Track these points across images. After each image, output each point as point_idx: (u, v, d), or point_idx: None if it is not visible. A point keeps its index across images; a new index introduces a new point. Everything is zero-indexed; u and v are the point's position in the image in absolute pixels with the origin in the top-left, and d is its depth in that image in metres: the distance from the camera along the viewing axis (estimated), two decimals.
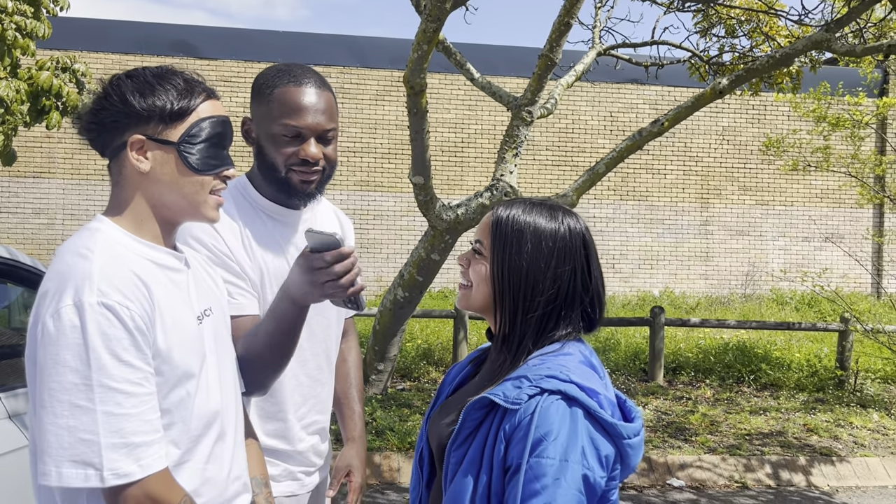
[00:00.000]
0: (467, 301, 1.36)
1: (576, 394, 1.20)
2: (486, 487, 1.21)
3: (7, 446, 2.02)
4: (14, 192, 11.55)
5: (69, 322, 1.10)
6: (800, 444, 5.61)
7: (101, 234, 1.21)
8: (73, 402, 1.09)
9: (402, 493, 4.65)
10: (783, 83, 6.40)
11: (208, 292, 1.35)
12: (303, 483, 1.73)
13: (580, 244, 1.33)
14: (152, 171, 1.24)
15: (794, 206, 12.97)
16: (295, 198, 1.64)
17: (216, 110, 1.29)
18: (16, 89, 4.69)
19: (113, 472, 1.09)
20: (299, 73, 1.60)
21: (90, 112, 1.24)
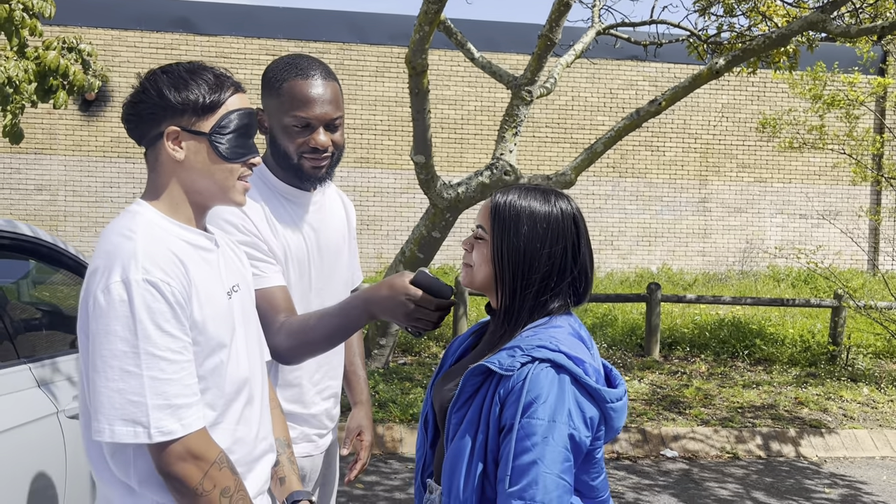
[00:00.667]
0: (470, 280, 1.49)
1: (564, 362, 1.33)
2: (483, 445, 1.34)
3: (37, 413, 2.14)
4: (16, 168, 11.62)
5: (118, 296, 1.22)
6: (790, 416, 5.76)
7: (141, 216, 1.33)
8: (123, 368, 1.22)
9: (405, 462, 4.81)
10: (780, 62, 6.47)
11: (236, 270, 1.47)
12: (317, 444, 1.86)
13: (571, 224, 1.45)
14: (186, 160, 1.35)
15: (792, 183, 13.06)
16: (307, 182, 1.78)
17: (243, 103, 1.40)
18: (24, 69, 4.77)
19: (158, 429, 1.22)
20: (306, 66, 1.72)
21: (129, 104, 1.36)
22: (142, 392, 1.22)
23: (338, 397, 1.94)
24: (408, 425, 5.21)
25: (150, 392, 1.22)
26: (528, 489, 1.27)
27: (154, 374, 1.22)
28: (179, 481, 1.24)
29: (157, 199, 1.37)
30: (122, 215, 1.34)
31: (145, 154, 1.39)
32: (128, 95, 1.37)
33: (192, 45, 11.80)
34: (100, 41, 11.46)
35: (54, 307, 2.88)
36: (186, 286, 1.29)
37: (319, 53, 12.10)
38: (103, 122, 11.74)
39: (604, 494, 1.43)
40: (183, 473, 1.24)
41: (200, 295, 1.31)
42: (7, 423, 2.02)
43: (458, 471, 1.36)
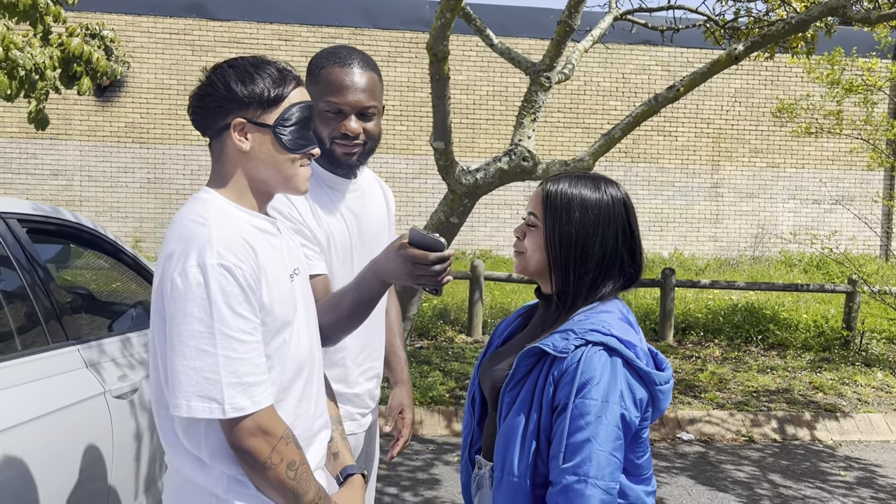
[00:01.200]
0: (524, 266, 1.54)
1: (616, 345, 1.39)
2: (537, 424, 1.40)
3: (86, 393, 2.22)
4: (32, 153, 11.71)
5: (195, 280, 1.29)
6: (805, 400, 5.82)
7: (211, 203, 1.39)
8: (199, 347, 1.28)
9: (426, 444, 4.89)
10: (798, 47, 6.45)
11: (295, 254, 1.53)
12: (360, 423, 1.93)
13: (622, 209, 1.50)
14: (251, 150, 1.41)
15: (806, 168, 13.02)
16: (339, 168, 1.81)
17: (303, 96, 1.45)
18: (49, 56, 4.82)
19: (232, 406, 1.29)
20: (345, 55, 1.77)
21: (196, 97, 1.41)
22: (216, 370, 1.28)
23: (380, 378, 2.00)
24: (427, 408, 5.29)
25: (225, 370, 1.28)
26: (581, 465, 1.33)
27: (228, 353, 1.29)
28: (250, 455, 1.31)
29: (223, 186, 1.43)
30: (192, 203, 1.40)
31: (210, 145, 1.45)
32: (194, 89, 1.42)
33: (205, 30, 11.83)
34: (114, 26, 11.47)
35: (93, 291, 2.95)
36: (256, 270, 1.35)
37: (332, 38, 12.10)
38: (118, 108, 11.80)
39: (648, 472, 1.49)
40: (253, 448, 1.31)
41: (269, 278, 1.38)
42: (60, 402, 2.09)
43: (512, 448, 1.42)
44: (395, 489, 4.11)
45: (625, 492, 1.44)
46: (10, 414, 1.89)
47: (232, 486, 1.36)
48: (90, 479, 2.18)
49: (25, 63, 4.54)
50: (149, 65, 11.75)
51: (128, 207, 11.90)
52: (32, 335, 2.17)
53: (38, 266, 2.28)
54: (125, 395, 2.39)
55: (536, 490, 1.40)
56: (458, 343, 7.09)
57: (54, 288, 2.33)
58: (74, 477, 2.11)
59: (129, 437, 2.39)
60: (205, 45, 11.84)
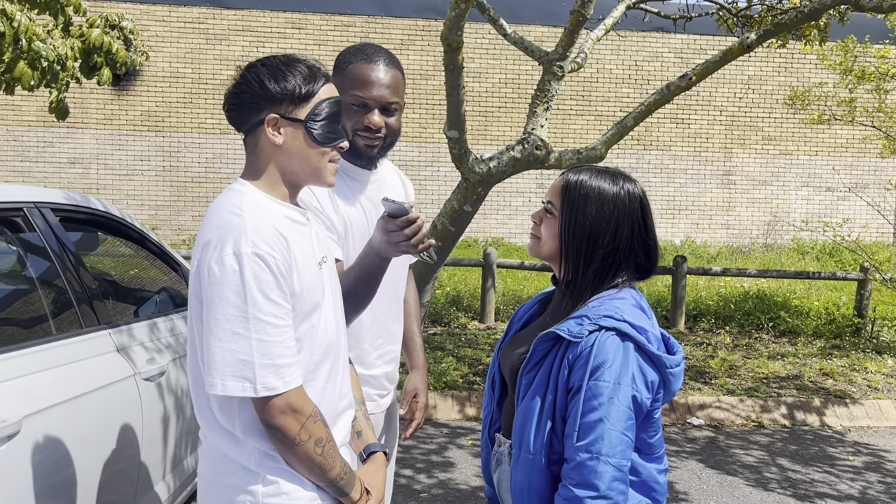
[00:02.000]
0: (538, 250, 1.62)
1: (628, 330, 1.46)
2: (552, 404, 1.48)
3: (118, 376, 2.31)
4: (49, 142, 11.86)
5: (231, 267, 1.38)
6: (815, 387, 5.87)
7: (245, 195, 1.48)
8: (234, 331, 1.37)
9: (440, 428, 4.99)
10: (811, 35, 6.45)
11: (323, 243, 1.62)
12: (378, 404, 2.02)
13: (638, 206, 1.57)
14: (285, 144, 1.49)
15: (819, 155, 12.98)
16: (361, 159, 1.90)
17: (332, 93, 1.54)
18: (70, 46, 4.91)
19: (264, 385, 1.38)
20: (371, 52, 1.86)
21: (231, 95, 1.49)
22: (250, 352, 1.37)
23: (397, 361, 2.08)
24: (441, 393, 5.38)
25: (258, 352, 1.37)
26: (594, 443, 1.41)
27: (261, 336, 1.38)
28: (281, 431, 1.40)
29: (257, 178, 1.51)
30: (227, 194, 1.49)
31: (245, 140, 1.53)
32: (229, 87, 1.50)
33: (219, 18, 11.90)
34: (130, 15, 11.56)
35: (119, 278, 3.05)
36: (288, 259, 1.43)
37: (344, 27, 12.15)
38: (134, 97, 11.91)
39: (660, 451, 1.57)
40: (283, 425, 1.39)
41: (299, 266, 1.46)
42: (92, 384, 2.19)
43: (529, 427, 1.50)
44: (410, 471, 4.21)
45: (637, 469, 1.51)
46: (46, 395, 1.98)
47: (263, 461, 1.44)
48: (121, 458, 2.28)
49: (48, 54, 4.63)
50: (164, 53, 11.84)
51: (143, 195, 12.03)
52: (66, 320, 2.26)
53: (69, 253, 2.37)
54: (153, 378, 2.49)
55: (552, 467, 1.49)
56: (470, 330, 7.17)
57: (85, 274, 2.42)
58: (106, 456, 2.21)
59: (158, 418, 2.49)
60: (219, 33, 11.91)
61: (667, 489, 1.61)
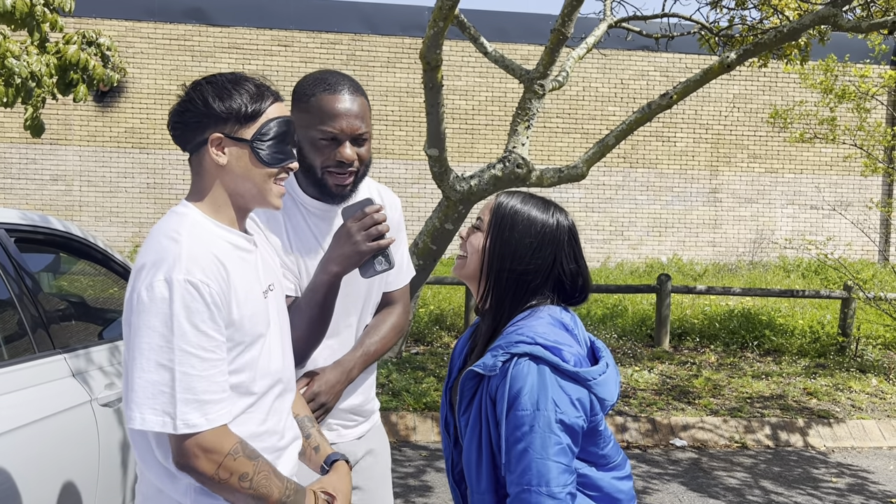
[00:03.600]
0: (462, 269, 1.60)
1: (541, 353, 1.43)
2: (488, 442, 1.45)
3: (72, 402, 2.24)
4: (32, 158, 11.76)
5: (160, 294, 1.31)
6: (799, 407, 5.83)
7: (187, 218, 1.42)
8: (158, 361, 1.30)
9: (418, 450, 4.91)
10: (792, 55, 6.48)
11: (271, 271, 1.56)
12: (340, 433, 1.92)
13: (565, 235, 1.55)
14: (229, 165, 1.43)
15: (804, 174, 13.04)
16: (330, 198, 1.80)
17: (282, 112, 1.48)
18: (45, 63, 4.86)
19: (184, 422, 1.30)
20: (334, 81, 1.76)
21: (175, 113, 1.44)
22: (172, 385, 1.30)
23: (366, 394, 1.95)
24: (420, 414, 5.31)
25: (180, 386, 1.30)
26: (524, 475, 1.37)
27: (185, 369, 1.30)
28: (196, 473, 1.33)
29: (201, 200, 1.45)
30: (169, 216, 1.43)
31: (189, 159, 1.47)
32: (174, 105, 1.45)
33: (204, 35, 11.88)
34: (114, 32, 11.55)
35: (83, 299, 2.98)
36: (225, 288, 1.37)
37: (331, 44, 12.16)
38: (118, 113, 11.85)
39: (616, 458, 1.52)
40: (197, 466, 1.32)
41: (239, 294, 1.40)
42: (45, 411, 2.11)
43: (472, 468, 1.47)
44: None
45: (597, 484, 1.47)
46: None
47: (199, 498, 1.38)
48: (76, 488, 2.20)
49: (21, 71, 4.57)
50: (148, 70, 11.80)
51: (127, 212, 11.94)
52: (19, 344, 2.19)
53: (26, 275, 2.30)
54: (112, 404, 2.41)
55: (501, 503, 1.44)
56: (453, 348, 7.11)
57: (43, 297, 2.35)
58: (60, 485, 2.13)
59: (116, 445, 2.41)
60: (204, 50, 11.89)
61: (634, 494, 1.55)
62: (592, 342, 1.57)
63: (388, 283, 1.95)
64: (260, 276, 1.49)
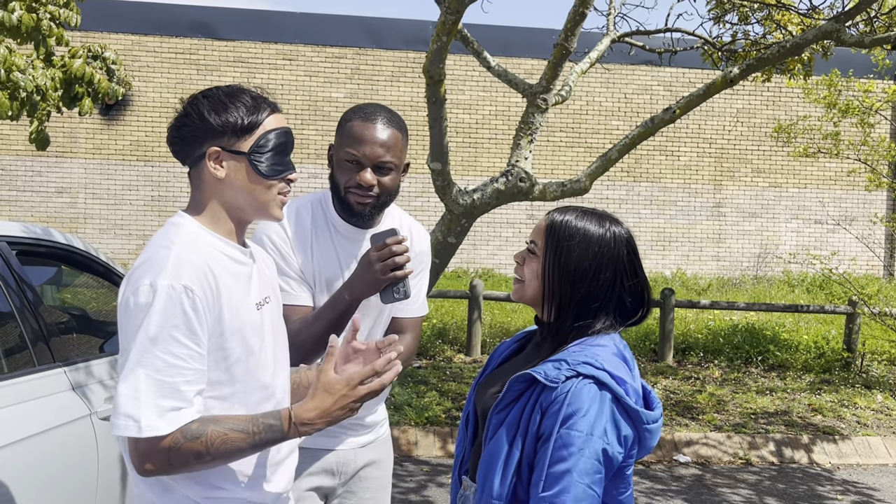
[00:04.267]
0: (521, 294, 1.56)
1: (606, 380, 1.40)
2: (520, 450, 1.42)
3: (72, 416, 2.23)
4: (37, 171, 11.81)
5: (143, 299, 1.31)
6: (804, 423, 5.78)
7: (182, 228, 1.42)
8: (132, 366, 1.30)
9: (420, 465, 4.88)
10: (795, 69, 6.49)
11: (268, 284, 1.55)
12: (342, 441, 1.94)
13: (623, 249, 1.52)
14: (227, 178, 1.44)
15: (808, 188, 13.03)
16: (353, 217, 1.88)
17: (279, 123, 1.48)
18: (51, 77, 4.89)
19: (149, 425, 1.29)
20: (371, 111, 1.86)
21: (173, 128, 1.44)
22: (139, 389, 1.29)
23: (373, 405, 1.97)
24: (422, 429, 5.28)
25: (147, 390, 1.29)
26: (559, 495, 1.34)
27: (152, 374, 1.29)
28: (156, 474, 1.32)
29: (199, 213, 1.46)
30: (166, 227, 1.43)
31: (189, 173, 1.48)
32: (172, 120, 1.45)
33: (210, 49, 11.95)
34: (120, 46, 11.63)
35: (85, 312, 2.98)
36: (212, 297, 1.36)
37: (335, 58, 12.22)
38: (123, 126, 11.91)
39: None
40: (151, 470, 1.31)
41: (231, 303, 1.39)
42: (44, 424, 2.10)
43: (494, 470, 1.43)
44: None
45: None
46: None
47: None
48: (75, 501, 2.18)
49: (27, 85, 4.60)
50: (154, 84, 11.86)
51: (132, 225, 11.97)
52: (19, 357, 2.18)
53: (27, 288, 2.30)
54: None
55: None
56: (456, 363, 7.08)
57: (44, 310, 2.35)
58: (59, 499, 2.12)
59: (115, 458, 2.40)
60: (210, 64, 11.96)
61: None
62: (645, 390, 1.52)
63: (400, 308, 2.00)
64: (254, 288, 1.48)
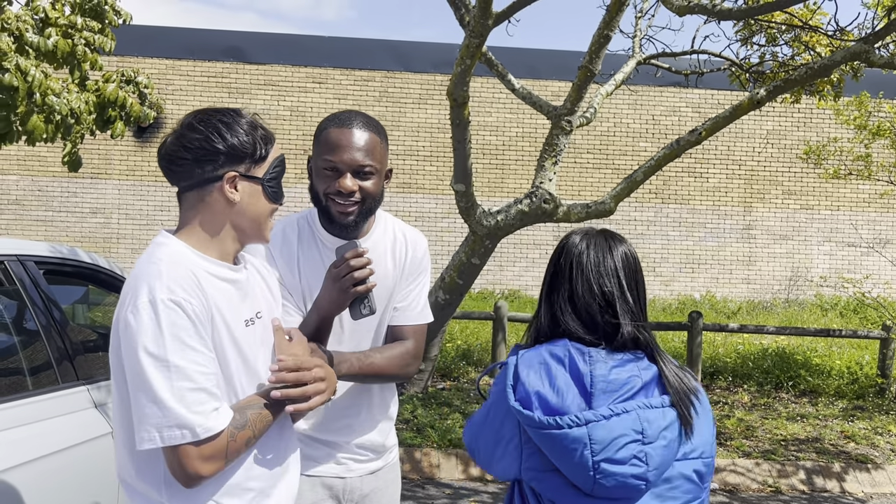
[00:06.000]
0: None
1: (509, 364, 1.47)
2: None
3: (93, 433, 2.26)
4: (73, 192, 12.08)
5: (146, 315, 1.33)
6: (836, 450, 5.64)
7: (167, 247, 1.44)
8: (155, 380, 1.31)
9: (441, 488, 4.85)
10: (825, 91, 6.42)
11: (260, 298, 1.56)
12: (349, 468, 1.90)
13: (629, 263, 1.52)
14: (241, 202, 1.48)
15: (841, 210, 12.81)
16: (336, 226, 1.83)
17: (279, 151, 1.56)
18: (85, 101, 5.01)
19: (203, 427, 1.33)
20: (346, 117, 1.83)
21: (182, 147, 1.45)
22: (171, 400, 1.31)
23: (382, 431, 1.95)
24: (444, 451, 5.25)
25: (184, 398, 1.32)
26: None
27: (181, 384, 1.32)
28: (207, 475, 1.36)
29: (189, 233, 1.47)
30: (150, 247, 1.46)
31: (183, 194, 1.48)
32: (175, 138, 1.46)
33: (241, 73, 12.17)
34: (154, 70, 11.90)
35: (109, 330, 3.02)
36: (206, 307, 1.39)
37: (364, 81, 12.36)
38: (156, 148, 12.13)
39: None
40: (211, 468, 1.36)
41: (223, 316, 1.43)
42: (66, 441, 2.14)
43: None
44: None
45: None
46: (15, 452, 1.93)
47: None
48: None
49: (61, 108, 4.72)
50: (187, 107, 12.09)
51: None
52: (43, 375, 2.23)
53: (53, 307, 2.35)
54: None
55: None
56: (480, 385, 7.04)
57: (69, 328, 2.39)
58: None
59: None
60: (241, 87, 12.17)
61: None
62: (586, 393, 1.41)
63: (396, 318, 1.94)
64: (243, 305, 1.50)
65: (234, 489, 1.43)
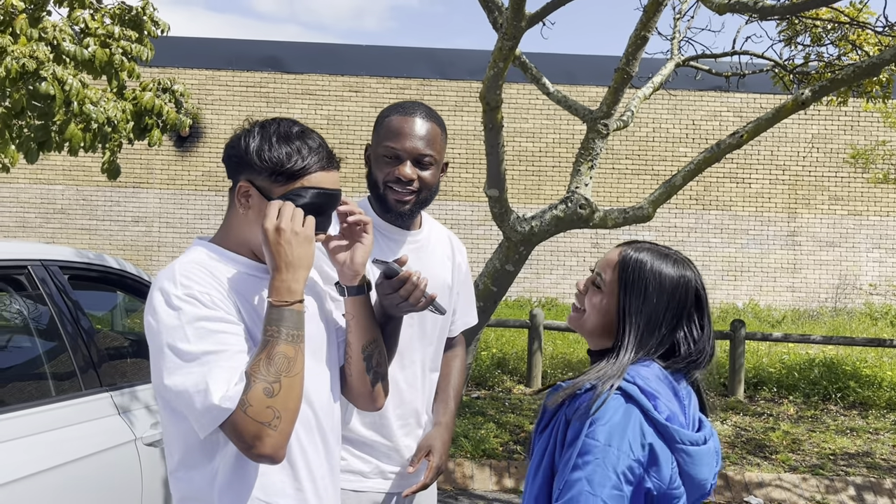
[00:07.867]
0: (579, 324, 1.48)
1: (634, 393, 1.32)
2: (550, 463, 1.35)
3: (117, 440, 2.24)
4: (116, 201, 12.31)
5: (165, 315, 1.30)
6: (888, 465, 5.40)
7: (186, 254, 1.43)
8: (190, 370, 1.28)
9: (475, 500, 4.75)
10: (872, 91, 6.20)
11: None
12: (392, 483, 1.84)
13: (692, 297, 1.43)
14: (248, 216, 1.41)
15: (890, 216, 12.40)
16: (392, 214, 1.82)
17: (325, 182, 1.40)
18: (122, 109, 5.07)
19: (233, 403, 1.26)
20: (409, 106, 1.84)
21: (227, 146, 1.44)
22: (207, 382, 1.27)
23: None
24: (478, 461, 5.16)
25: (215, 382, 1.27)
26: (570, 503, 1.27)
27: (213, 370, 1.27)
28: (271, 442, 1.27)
29: (220, 231, 1.46)
30: (184, 253, 1.45)
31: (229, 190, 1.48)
32: (233, 135, 1.45)
33: (279, 82, 12.29)
34: (194, 80, 12.09)
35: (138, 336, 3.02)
36: (225, 297, 1.35)
37: (400, 89, 12.38)
38: (196, 158, 12.32)
39: None
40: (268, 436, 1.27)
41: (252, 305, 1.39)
42: (89, 448, 2.11)
43: (528, 487, 1.39)
44: None
45: None
46: (38, 459, 1.91)
47: None
48: None
49: (98, 117, 4.78)
50: (226, 116, 12.26)
51: None
52: (67, 381, 2.21)
53: (77, 312, 2.34)
54: (157, 443, 2.40)
55: None
56: (515, 394, 6.94)
57: (94, 334, 2.38)
58: None
59: (159, 484, 2.39)
60: (279, 96, 12.29)
61: None
62: (701, 421, 1.42)
63: (452, 330, 1.98)
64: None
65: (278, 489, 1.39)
